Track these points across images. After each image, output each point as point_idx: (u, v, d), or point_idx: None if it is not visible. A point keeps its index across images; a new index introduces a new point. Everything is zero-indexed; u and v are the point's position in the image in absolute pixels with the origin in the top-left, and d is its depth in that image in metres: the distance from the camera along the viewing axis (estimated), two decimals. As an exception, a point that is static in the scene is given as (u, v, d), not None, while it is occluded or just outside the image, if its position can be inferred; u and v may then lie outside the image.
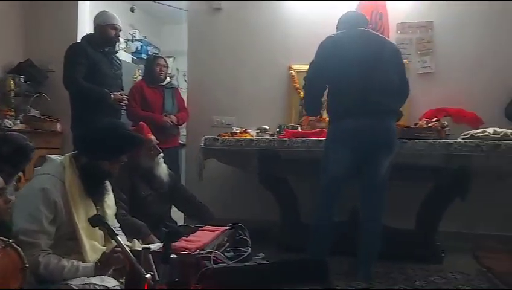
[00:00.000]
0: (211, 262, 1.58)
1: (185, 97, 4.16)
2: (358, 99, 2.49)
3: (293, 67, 3.93)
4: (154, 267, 1.40)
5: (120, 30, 3.45)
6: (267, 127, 3.42)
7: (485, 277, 2.64)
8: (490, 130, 2.89)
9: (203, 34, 4.16)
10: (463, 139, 2.87)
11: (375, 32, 2.76)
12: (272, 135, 3.31)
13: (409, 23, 3.74)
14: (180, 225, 2.85)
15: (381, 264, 2.73)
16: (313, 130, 3.14)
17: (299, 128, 3.39)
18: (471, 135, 2.91)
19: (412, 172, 3.01)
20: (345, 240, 2.66)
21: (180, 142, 4.33)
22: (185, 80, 4.80)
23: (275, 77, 3.99)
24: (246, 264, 1.61)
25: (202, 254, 1.60)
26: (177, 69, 6.20)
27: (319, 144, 2.85)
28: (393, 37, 3.68)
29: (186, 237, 1.83)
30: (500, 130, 2.87)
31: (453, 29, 3.67)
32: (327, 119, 2.82)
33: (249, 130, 3.36)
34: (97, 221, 1.66)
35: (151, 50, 5.89)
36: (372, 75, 2.51)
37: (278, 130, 3.40)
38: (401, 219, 3.15)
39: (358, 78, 2.50)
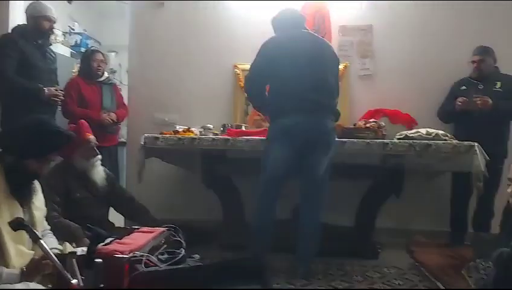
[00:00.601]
0: (143, 265, 1.53)
1: (126, 93, 4.03)
2: (297, 98, 2.55)
3: (238, 66, 3.92)
4: (78, 272, 1.33)
5: (54, 22, 3.27)
6: (211, 126, 3.39)
7: (417, 271, 2.78)
8: (423, 131, 3.04)
9: (145, 29, 4.05)
10: (398, 139, 3.00)
11: (315, 34, 2.82)
12: (216, 134, 3.28)
13: (350, 26, 3.85)
14: (117, 227, 2.76)
15: (320, 261, 2.79)
16: (257, 129, 3.15)
17: (244, 127, 3.39)
18: (406, 135, 3.04)
19: (351, 171, 3.11)
20: (288, 238, 2.70)
21: (122, 140, 4.20)
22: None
23: (220, 75, 3.96)
24: (178, 266, 1.58)
25: (133, 257, 1.54)
26: (120, 65, 5.99)
27: (263, 143, 2.86)
28: (335, 39, 3.78)
29: (120, 239, 1.76)
30: (432, 130, 3.03)
31: (391, 32, 3.82)
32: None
33: (193, 129, 3.31)
34: (18, 224, 1.55)
35: (91, 44, 5.64)
36: (311, 75, 2.57)
37: (222, 129, 3.38)
38: (341, 216, 3.25)
39: (297, 78, 2.55)
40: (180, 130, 3.24)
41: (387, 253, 3.15)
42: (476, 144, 2.79)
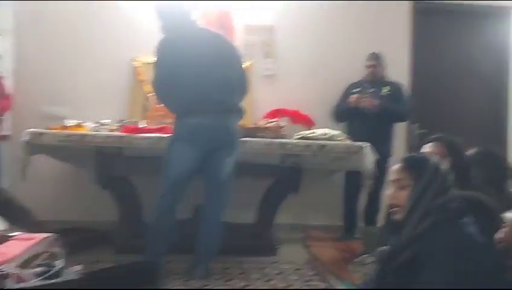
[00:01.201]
0: (13, 281, 1.36)
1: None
2: (200, 98, 2.49)
3: (138, 59, 3.74)
4: None
5: None
6: (106, 121, 3.18)
7: (312, 266, 2.89)
8: (320, 131, 3.17)
9: (32, 11, 3.67)
10: (296, 139, 3.09)
11: (211, 30, 2.76)
12: (112, 130, 3.08)
13: (254, 26, 3.88)
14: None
15: (219, 260, 2.78)
16: (156, 127, 3.03)
17: (142, 123, 3.23)
18: (303, 135, 3.15)
19: (252, 170, 3.13)
20: (189, 238, 2.63)
21: (5, 133, 3.77)
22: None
23: (118, 68, 3.73)
24: (54, 281, 1.44)
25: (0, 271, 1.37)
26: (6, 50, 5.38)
27: (162, 140, 2.76)
28: (240, 38, 3.78)
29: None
30: (328, 131, 3.17)
31: (293, 33, 3.92)
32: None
33: (86, 124, 3.07)
34: None
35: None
36: (212, 74, 2.52)
37: (118, 125, 3.19)
38: (242, 213, 3.27)
39: (197, 77, 2.49)
40: (70, 125, 2.99)
41: (285, 249, 3.24)
42: (366, 144, 2.98)
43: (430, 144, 2.04)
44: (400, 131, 3.92)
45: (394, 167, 1.59)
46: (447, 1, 4.01)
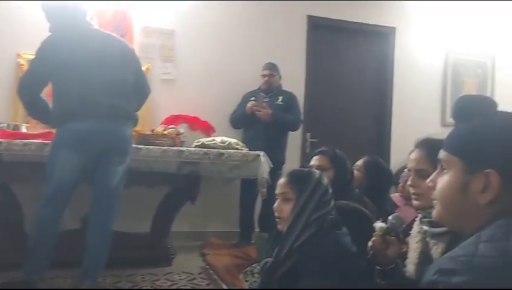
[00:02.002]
0: None
1: None
2: (87, 102, 2.34)
3: (23, 55, 3.43)
4: None
5: None
6: (-18, 124, 2.86)
7: (206, 275, 2.89)
8: (218, 139, 3.19)
9: None
10: (195, 146, 3.07)
11: (103, 31, 2.62)
12: (-13, 134, 2.78)
13: (152, 28, 3.79)
14: None
15: (109, 272, 2.65)
16: (39, 132, 2.79)
17: (24, 128, 2.96)
18: (203, 143, 3.14)
19: (147, 177, 3.04)
20: (76, 251, 2.46)
21: None
22: None
23: (-1, 64, 3.40)
24: None
25: None
26: None
27: (46, 147, 2.55)
28: (137, 40, 3.66)
29: None
30: (227, 139, 3.20)
31: (194, 37, 3.91)
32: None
33: (-45, 127, 2.73)
34: None
35: None
36: (99, 75, 2.37)
37: (-4, 128, 2.89)
38: (137, 223, 3.16)
39: (85, 80, 2.34)
40: None
41: (181, 258, 3.19)
42: (262, 153, 3.07)
43: (316, 156, 2.16)
44: (295, 139, 4.12)
45: (280, 181, 1.66)
46: (338, 19, 4.29)
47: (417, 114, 4.51)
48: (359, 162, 2.56)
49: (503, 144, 0.83)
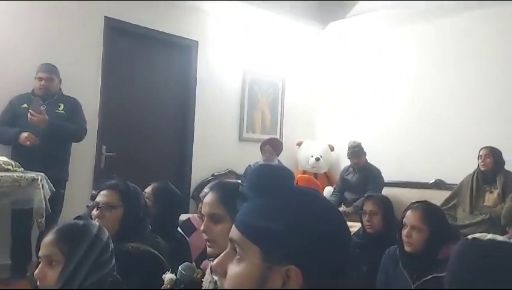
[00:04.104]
0: None
1: None
2: None
3: None
4: None
5: None
6: None
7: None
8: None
9: None
10: None
11: None
12: None
13: None
14: None
15: None
16: None
17: None
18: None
19: None
20: None
21: None
22: None
23: None
24: None
25: None
26: None
27: None
28: None
29: None
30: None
31: None
32: None
33: None
34: None
35: None
36: None
37: None
38: None
39: None
40: None
41: None
42: (40, 176, 2.57)
43: (104, 192, 1.83)
44: (88, 152, 3.66)
45: (45, 240, 1.30)
46: (140, 25, 4.00)
47: (217, 129, 4.58)
48: (148, 189, 2.36)
49: (307, 231, 0.73)
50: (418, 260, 2.00)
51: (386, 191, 4.10)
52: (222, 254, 0.82)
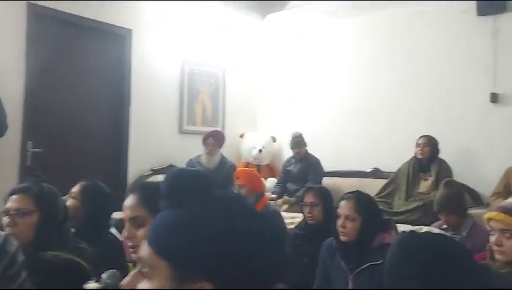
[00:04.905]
0: None
1: None
2: None
3: None
4: None
5: None
6: None
7: None
8: None
9: None
10: None
11: None
12: None
13: None
14: None
15: None
16: None
17: None
18: None
19: None
20: None
21: None
22: None
23: None
24: None
25: None
26: None
27: None
28: None
29: None
30: None
31: None
32: None
33: None
34: None
35: None
36: None
37: None
38: None
39: None
40: None
41: None
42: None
43: (15, 196, 1.66)
44: (11, 149, 3.38)
45: None
46: (67, 12, 3.73)
47: (155, 122, 4.41)
48: (75, 189, 2.20)
49: (220, 243, 0.66)
50: (353, 249, 2.03)
51: (326, 180, 4.16)
52: (132, 273, 0.74)
